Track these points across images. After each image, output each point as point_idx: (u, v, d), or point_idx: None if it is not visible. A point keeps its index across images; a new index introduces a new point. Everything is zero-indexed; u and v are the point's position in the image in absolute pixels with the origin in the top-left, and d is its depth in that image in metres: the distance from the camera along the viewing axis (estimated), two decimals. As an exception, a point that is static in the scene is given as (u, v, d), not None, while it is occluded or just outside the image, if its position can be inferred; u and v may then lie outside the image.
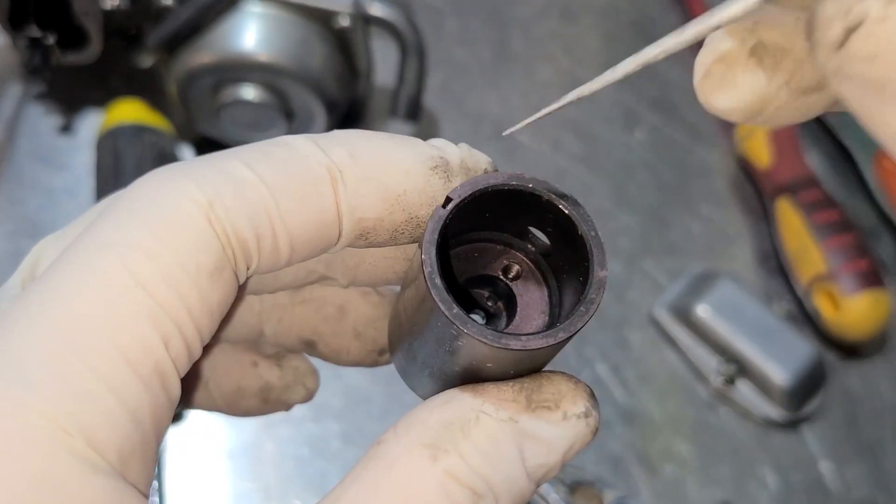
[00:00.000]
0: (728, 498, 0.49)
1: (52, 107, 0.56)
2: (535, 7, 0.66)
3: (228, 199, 0.19)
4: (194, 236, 0.19)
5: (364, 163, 0.21)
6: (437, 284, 0.19)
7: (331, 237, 0.21)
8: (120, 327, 0.18)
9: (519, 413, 0.20)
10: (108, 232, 0.19)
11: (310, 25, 0.48)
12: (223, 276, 0.19)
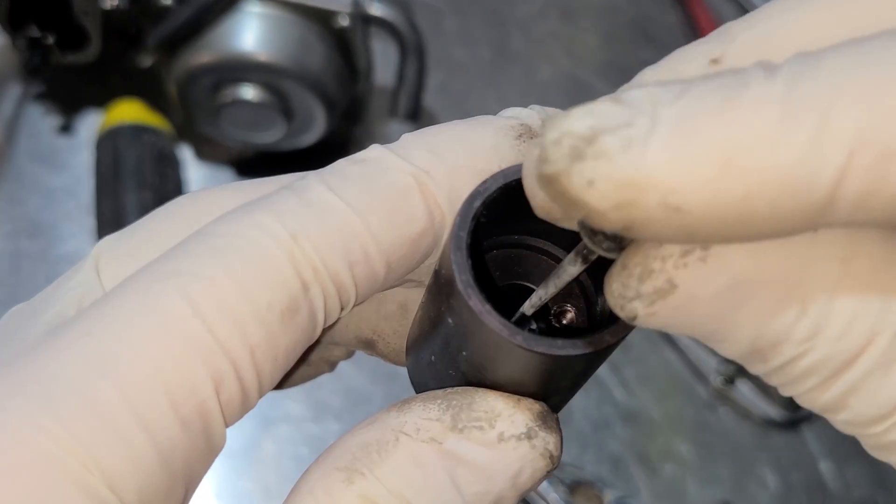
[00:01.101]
0: (728, 497, 0.49)
1: (51, 107, 0.56)
2: (534, 7, 0.66)
3: (313, 231, 0.18)
4: (270, 272, 0.17)
5: (448, 156, 0.19)
6: (460, 261, 0.17)
7: (429, 243, 0.19)
8: (167, 360, 0.16)
9: (443, 433, 0.18)
10: (176, 261, 0.17)
11: (309, 25, 0.48)
12: (296, 319, 0.17)
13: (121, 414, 0.16)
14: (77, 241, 0.51)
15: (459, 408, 0.19)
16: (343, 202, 0.18)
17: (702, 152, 0.13)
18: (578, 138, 0.14)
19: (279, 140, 0.52)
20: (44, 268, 0.51)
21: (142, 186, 0.49)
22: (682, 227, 0.13)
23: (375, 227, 0.18)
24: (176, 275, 0.17)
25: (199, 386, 0.16)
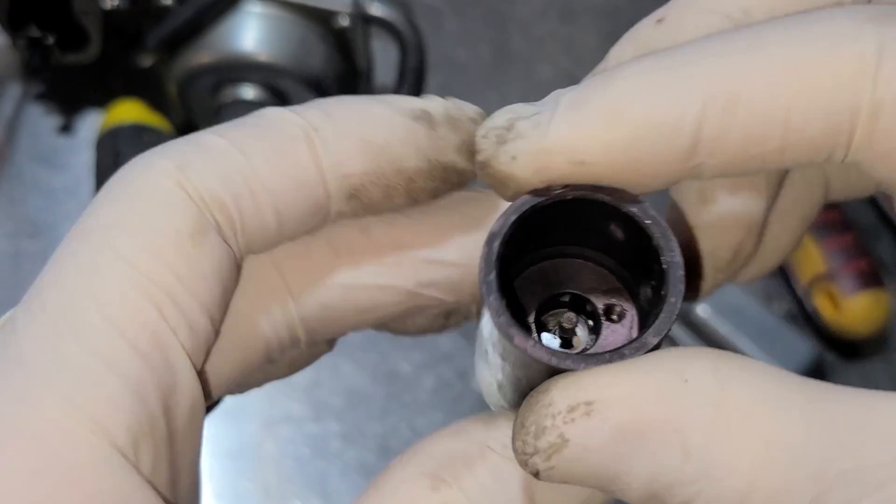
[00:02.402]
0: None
1: (51, 107, 0.56)
2: (534, 7, 0.66)
3: (198, 163, 0.19)
4: (168, 203, 0.19)
5: (340, 120, 0.20)
6: (494, 304, 0.17)
7: (317, 197, 0.20)
8: (109, 302, 0.18)
9: None
10: (91, 218, 0.19)
11: (309, 25, 0.48)
12: (208, 239, 0.19)
13: (89, 359, 0.17)
14: (77, 242, 0.52)
15: None
16: (228, 142, 0.20)
17: (591, 114, 0.17)
18: (500, 129, 0.18)
19: (279, 140, 0.52)
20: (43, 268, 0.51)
21: (142, 186, 0.49)
22: (589, 176, 0.17)
23: (259, 166, 0.19)
24: (94, 229, 0.19)
25: (146, 318, 0.18)
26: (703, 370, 0.16)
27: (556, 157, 0.17)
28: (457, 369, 0.51)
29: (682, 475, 0.16)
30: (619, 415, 0.16)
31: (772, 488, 0.15)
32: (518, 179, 0.17)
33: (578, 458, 0.16)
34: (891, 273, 0.59)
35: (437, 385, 0.51)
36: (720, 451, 0.15)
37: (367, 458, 0.48)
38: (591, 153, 0.17)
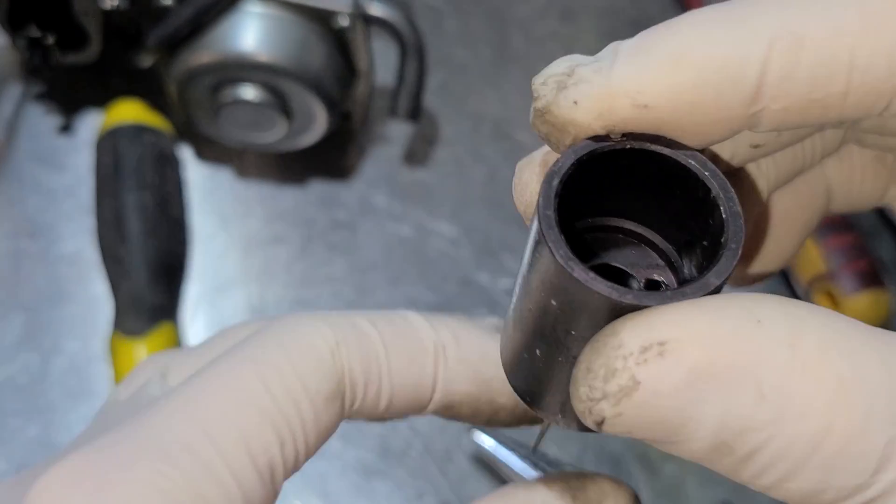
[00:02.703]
0: (728, 497, 0.49)
1: (51, 107, 0.56)
2: (535, 7, 0.66)
3: (352, 344, 0.23)
4: (319, 365, 0.23)
5: (464, 346, 0.25)
6: (555, 238, 0.17)
7: (422, 402, 0.25)
8: (246, 423, 0.21)
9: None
10: (251, 350, 0.23)
11: (309, 25, 0.48)
12: (335, 404, 0.23)
13: (218, 465, 0.21)
14: (77, 241, 0.51)
15: (576, 489, 0.23)
16: (378, 335, 0.24)
17: (655, 58, 0.17)
18: (560, 75, 0.18)
19: (279, 140, 0.52)
20: (43, 267, 0.51)
21: (142, 186, 0.49)
22: (651, 121, 0.17)
23: (394, 365, 0.24)
24: (252, 361, 0.22)
25: (270, 446, 0.21)
26: (776, 312, 0.16)
27: (619, 100, 0.17)
28: (457, 369, 0.51)
29: (754, 420, 0.15)
30: (694, 355, 0.15)
31: (847, 430, 0.15)
32: (579, 124, 0.17)
33: (648, 403, 0.15)
34: (891, 273, 0.59)
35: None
36: (795, 393, 0.15)
37: (367, 459, 0.48)
38: (655, 96, 0.17)
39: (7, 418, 0.46)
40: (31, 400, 0.47)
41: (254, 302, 0.51)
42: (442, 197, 0.57)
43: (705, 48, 0.17)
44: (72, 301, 0.50)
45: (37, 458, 0.45)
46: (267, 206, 0.55)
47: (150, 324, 0.46)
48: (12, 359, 0.48)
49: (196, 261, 0.52)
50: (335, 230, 0.55)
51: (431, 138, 0.59)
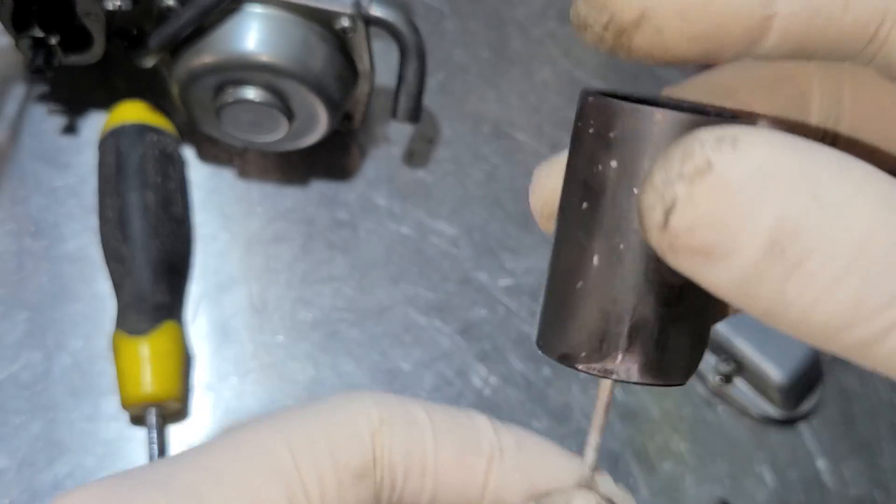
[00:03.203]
0: (725, 495, 0.50)
1: (55, 107, 0.56)
2: (533, 8, 0.67)
3: (397, 428, 0.22)
4: (353, 442, 0.22)
5: (525, 456, 0.23)
6: (603, 102, 0.18)
7: (469, 501, 0.23)
8: (260, 483, 0.21)
9: None
10: (286, 416, 0.22)
11: (311, 26, 0.48)
12: (363, 483, 0.22)
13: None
14: (80, 240, 0.52)
15: None
16: (429, 423, 0.23)
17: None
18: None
19: (281, 140, 0.52)
20: (46, 266, 0.51)
21: (144, 186, 0.49)
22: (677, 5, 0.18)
23: (441, 459, 0.22)
24: (284, 425, 0.22)
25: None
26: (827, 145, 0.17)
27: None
28: (457, 368, 0.52)
29: (808, 220, 0.16)
30: (763, 151, 0.16)
31: (888, 238, 0.16)
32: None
33: (719, 188, 0.16)
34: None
35: (437, 383, 0.51)
36: (845, 202, 0.16)
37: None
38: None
39: (10, 416, 0.47)
40: (33, 397, 0.47)
41: (255, 300, 0.52)
42: (441, 196, 0.57)
43: None
44: (75, 299, 0.50)
45: (39, 455, 0.46)
46: (268, 206, 0.55)
47: (153, 322, 0.46)
48: (15, 357, 0.48)
49: (198, 259, 0.53)
50: (336, 229, 0.55)
51: (431, 138, 0.59)
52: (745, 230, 0.16)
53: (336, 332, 0.52)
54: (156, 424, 0.45)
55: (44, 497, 0.45)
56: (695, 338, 0.19)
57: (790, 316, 0.17)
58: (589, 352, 0.18)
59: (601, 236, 0.18)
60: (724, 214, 0.16)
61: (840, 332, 0.16)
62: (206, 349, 0.50)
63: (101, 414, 0.47)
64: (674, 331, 0.18)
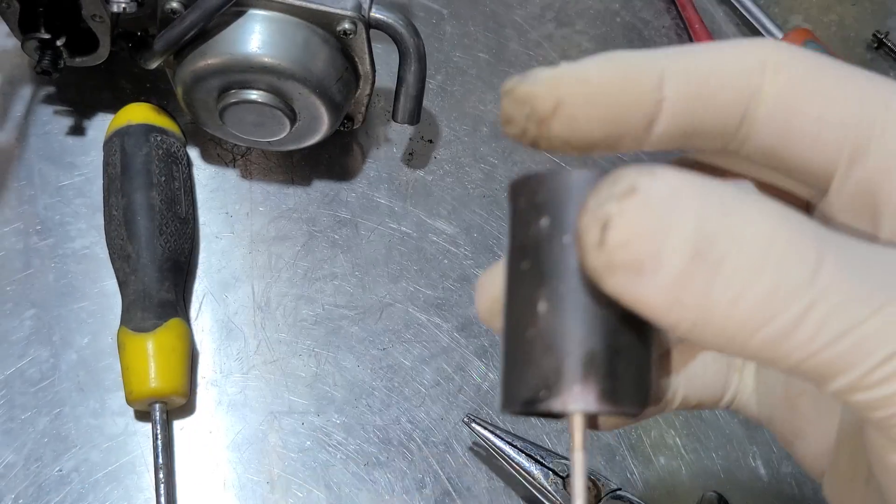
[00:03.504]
0: (720, 488, 0.50)
1: (61, 108, 0.57)
2: (531, 11, 0.68)
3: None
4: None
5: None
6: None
7: None
8: None
9: None
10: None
11: (313, 29, 0.49)
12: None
13: None
14: (86, 239, 0.53)
15: None
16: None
17: (594, 58, 0.21)
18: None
19: (283, 141, 0.53)
20: (53, 264, 0.52)
21: (149, 186, 0.50)
22: (588, 94, 0.21)
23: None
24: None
25: None
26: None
27: (565, 78, 0.21)
28: (456, 363, 0.52)
29: (721, 227, 0.18)
30: (676, 177, 0.18)
31: (786, 237, 0.18)
32: (536, 95, 0.21)
33: (644, 203, 0.18)
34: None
35: (437, 378, 0.52)
36: (750, 210, 0.18)
37: (369, 450, 0.49)
38: (592, 75, 0.21)
39: (16, 411, 0.47)
40: (40, 393, 0.48)
41: (258, 298, 0.53)
42: (441, 196, 0.58)
43: (630, 59, 0.21)
44: (81, 297, 0.51)
45: (46, 450, 0.46)
46: (271, 205, 0.56)
47: (158, 319, 0.47)
48: (22, 353, 0.49)
49: (202, 258, 0.53)
50: (337, 228, 0.56)
51: (431, 139, 0.60)
52: (670, 240, 0.18)
53: (337, 328, 0.52)
54: (161, 420, 0.46)
55: (50, 491, 0.45)
56: (643, 367, 0.20)
57: (715, 320, 0.18)
58: (546, 391, 0.19)
59: (543, 285, 0.19)
60: (651, 227, 0.18)
61: (760, 329, 0.18)
62: (210, 345, 0.51)
63: (107, 409, 0.48)
64: (622, 360, 0.19)
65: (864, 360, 0.18)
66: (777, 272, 0.17)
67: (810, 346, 0.18)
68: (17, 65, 0.57)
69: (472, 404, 0.51)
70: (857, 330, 0.17)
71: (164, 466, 0.46)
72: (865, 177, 0.21)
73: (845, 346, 0.18)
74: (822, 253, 0.18)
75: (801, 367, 0.18)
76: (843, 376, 0.18)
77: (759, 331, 0.18)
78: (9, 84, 0.57)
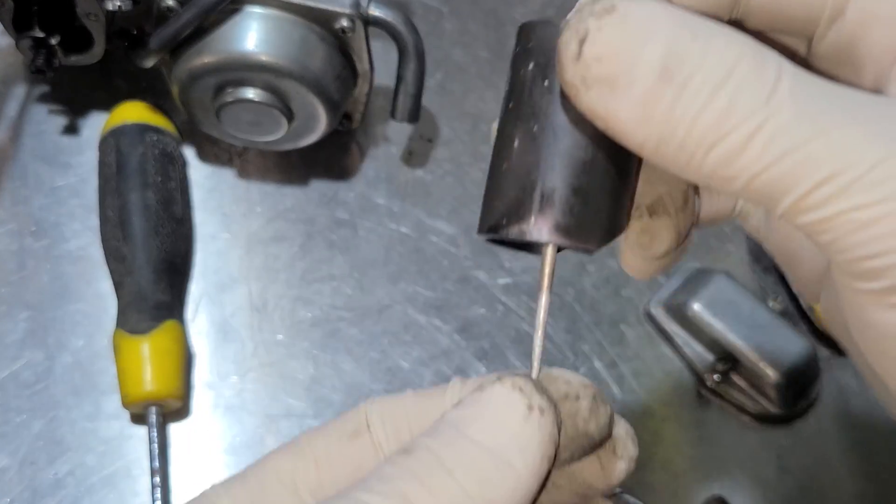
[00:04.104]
0: (723, 492, 0.50)
1: (56, 107, 0.56)
2: (531, 9, 0.67)
3: (391, 411, 0.26)
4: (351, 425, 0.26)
5: None
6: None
7: None
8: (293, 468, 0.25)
9: None
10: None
11: (310, 27, 0.49)
12: (361, 440, 0.26)
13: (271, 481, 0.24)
14: (81, 240, 0.52)
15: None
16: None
17: None
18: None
19: (280, 140, 0.52)
20: (48, 266, 0.51)
21: (145, 185, 0.50)
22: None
23: None
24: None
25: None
26: None
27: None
28: (456, 365, 0.52)
29: (689, 50, 0.19)
30: (652, 3, 0.20)
31: (747, 62, 0.19)
32: None
33: (621, 24, 0.19)
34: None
35: (436, 381, 0.51)
36: (717, 36, 0.20)
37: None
38: None
39: (11, 414, 0.47)
40: (35, 396, 0.48)
41: (255, 299, 0.52)
42: (440, 196, 0.58)
43: None
44: (76, 299, 0.50)
45: (41, 453, 0.46)
46: (268, 205, 0.55)
47: (154, 321, 0.46)
48: (17, 356, 0.48)
49: (198, 259, 0.53)
50: (335, 228, 0.55)
51: (430, 138, 0.60)
52: (642, 58, 0.19)
53: (336, 330, 0.52)
54: (156, 423, 0.46)
55: (45, 495, 0.45)
56: (604, 207, 0.22)
57: (677, 136, 0.19)
58: (508, 218, 0.21)
59: (520, 123, 0.22)
60: (625, 43, 0.19)
61: (716, 145, 0.19)
62: (206, 348, 0.50)
63: (102, 412, 0.47)
64: (580, 199, 0.21)
65: (807, 179, 0.19)
66: (735, 92, 0.19)
67: (758, 163, 0.19)
68: (11, 63, 0.57)
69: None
70: (803, 149, 0.19)
71: (160, 470, 0.45)
72: (846, 29, 0.22)
73: (790, 164, 0.19)
74: (780, 79, 0.19)
75: (750, 188, 0.19)
76: (787, 196, 0.19)
77: (714, 147, 0.19)
78: (3, 83, 0.56)
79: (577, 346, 0.54)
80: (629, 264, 0.28)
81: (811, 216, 0.19)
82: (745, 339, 0.51)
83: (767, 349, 0.51)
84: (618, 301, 0.56)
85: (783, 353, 0.51)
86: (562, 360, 0.53)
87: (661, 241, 0.26)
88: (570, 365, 0.53)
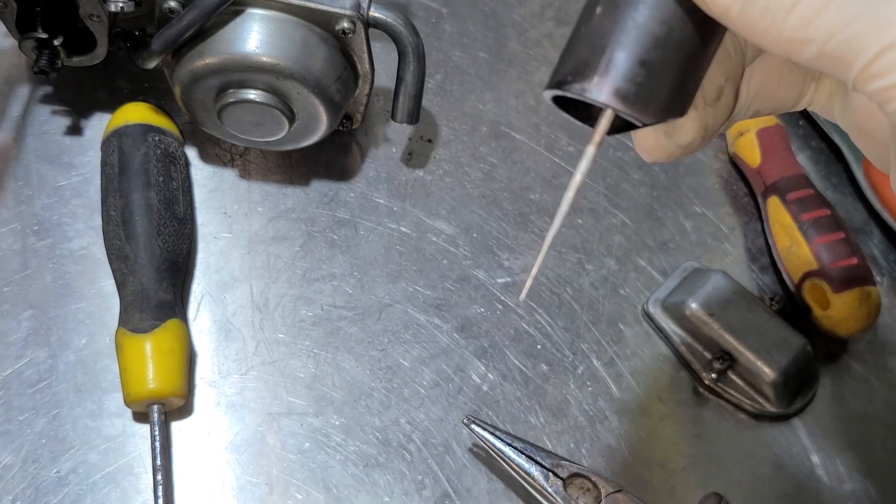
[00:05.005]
0: (720, 490, 0.50)
1: (59, 108, 0.56)
2: (530, 10, 0.68)
3: None
4: None
5: None
6: None
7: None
8: None
9: None
10: None
11: (311, 28, 0.49)
12: None
13: None
14: (83, 240, 0.52)
15: None
16: None
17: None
18: None
19: (282, 140, 0.53)
20: (50, 265, 0.51)
21: (147, 186, 0.50)
22: None
23: None
24: None
25: None
26: None
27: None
28: (455, 364, 0.52)
29: None
30: None
31: None
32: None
33: None
34: (880, 270, 0.60)
35: (436, 379, 0.51)
36: None
37: (368, 451, 0.49)
38: None
39: (14, 413, 0.47)
40: (38, 395, 0.48)
41: (256, 298, 0.52)
42: (440, 196, 0.58)
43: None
44: (79, 298, 0.51)
45: (43, 451, 0.46)
46: (269, 205, 0.56)
47: (157, 320, 0.47)
48: (20, 354, 0.49)
49: (200, 258, 0.53)
50: (336, 228, 0.56)
51: (430, 138, 0.60)
52: None
53: (336, 329, 0.52)
54: (159, 421, 0.46)
55: (48, 493, 0.45)
56: (665, 87, 0.22)
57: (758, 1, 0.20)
58: (574, 76, 0.22)
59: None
60: None
61: (796, 5, 0.20)
62: (208, 346, 0.51)
63: (105, 411, 0.48)
64: (645, 70, 0.21)
65: (877, 41, 0.19)
66: None
67: (835, 23, 0.19)
68: (14, 64, 0.57)
69: (471, 405, 0.51)
70: (875, 9, 0.19)
71: (163, 468, 0.45)
72: None
73: (862, 24, 0.19)
74: None
75: (825, 51, 0.20)
76: (859, 59, 0.19)
77: (795, 7, 0.19)
78: (6, 84, 0.57)
79: (576, 344, 0.54)
80: (642, 145, 0.28)
81: (879, 82, 0.20)
82: (743, 338, 0.52)
83: (765, 348, 0.51)
84: (616, 300, 0.56)
85: (780, 351, 0.51)
86: (560, 359, 0.53)
87: (682, 133, 0.27)
88: (569, 363, 0.53)
